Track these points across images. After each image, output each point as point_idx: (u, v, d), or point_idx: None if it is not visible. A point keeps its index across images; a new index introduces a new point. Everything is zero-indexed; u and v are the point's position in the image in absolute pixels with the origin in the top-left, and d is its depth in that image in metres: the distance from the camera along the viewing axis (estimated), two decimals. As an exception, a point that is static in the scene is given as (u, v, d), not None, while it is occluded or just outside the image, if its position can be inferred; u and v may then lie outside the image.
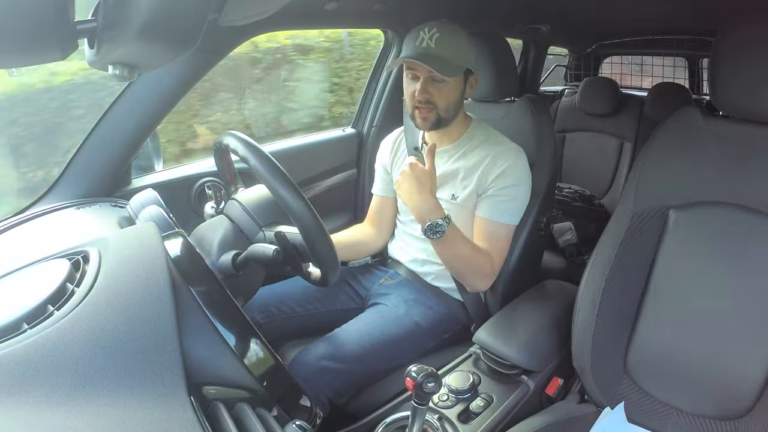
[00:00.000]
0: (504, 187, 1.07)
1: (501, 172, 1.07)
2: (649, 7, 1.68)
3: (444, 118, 1.08)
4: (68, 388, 0.44)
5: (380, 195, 1.30)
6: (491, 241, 1.09)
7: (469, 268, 1.07)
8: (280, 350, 1.13)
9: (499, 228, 1.09)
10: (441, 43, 1.02)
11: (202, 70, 1.07)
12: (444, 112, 1.07)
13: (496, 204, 1.08)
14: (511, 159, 1.08)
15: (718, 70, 0.84)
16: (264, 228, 0.89)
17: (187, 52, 0.48)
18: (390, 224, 1.30)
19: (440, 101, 1.06)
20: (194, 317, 0.55)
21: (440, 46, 1.02)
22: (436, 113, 1.07)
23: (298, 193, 0.77)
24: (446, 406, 0.88)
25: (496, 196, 1.08)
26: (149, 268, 0.55)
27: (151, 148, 1.17)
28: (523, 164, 1.10)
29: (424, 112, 1.07)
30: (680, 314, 0.87)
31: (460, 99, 1.10)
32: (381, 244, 1.30)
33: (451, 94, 1.06)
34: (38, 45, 0.38)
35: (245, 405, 0.54)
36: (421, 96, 1.05)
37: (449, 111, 1.08)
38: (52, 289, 0.53)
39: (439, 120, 1.08)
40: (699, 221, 0.87)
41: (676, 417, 0.88)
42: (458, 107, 1.10)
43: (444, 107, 1.07)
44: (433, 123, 1.08)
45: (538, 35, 2.19)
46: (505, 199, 1.08)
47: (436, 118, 1.07)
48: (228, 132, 0.87)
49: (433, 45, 1.02)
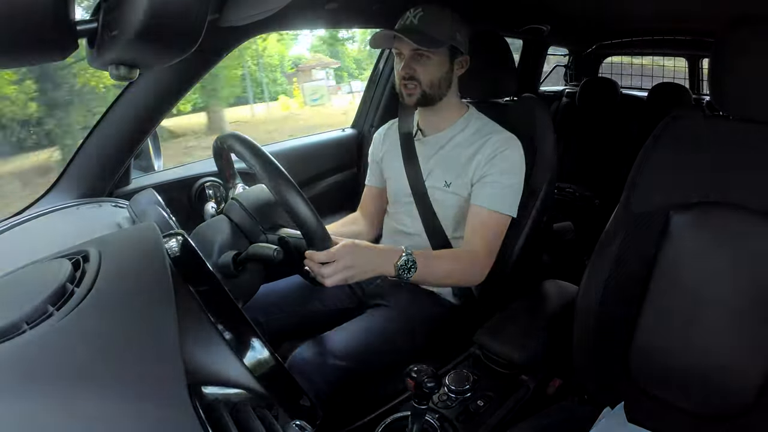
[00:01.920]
0: (498, 174, 1.07)
1: (496, 159, 1.07)
2: (649, 7, 1.68)
3: (429, 95, 1.09)
4: (68, 388, 0.44)
5: (373, 186, 1.31)
6: (485, 230, 1.07)
7: (457, 277, 1.06)
8: (280, 350, 1.13)
9: (493, 216, 1.07)
10: (424, 20, 1.04)
11: (202, 70, 1.07)
12: (428, 87, 1.08)
13: (490, 191, 1.07)
14: (507, 147, 1.08)
15: (718, 70, 0.84)
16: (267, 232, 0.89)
17: (188, 52, 0.48)
18: (380, 213, 1.31)
19: (424, 77, 1.07)
20: (194, 317, 0.55)
21: (423, 22, 1.04)
22: (420, 89, 1.08)
23: (298, 193, 0.77)
24: (446, 406, 0.88)
25: (490, 184, 1.08)
26: (149, 268, 0.55)
27: (151, 148, 1.17)
28: (519, 153, 1.10)
29: (409, 89, 1.08)
30: (680, 314, 0.87)
31: (447, 77, 1.10)
32: (374, 235, 1.31)
33: (434, 70, 1.07)
34: (38, 45, 0.38)
35: (245, 405, 0.54)
36: (405, 72, 1.07)
37: (433, 87, 1.08)
38: (52, 289, 0.53)
39: (424, 96, 1.09)
40: (699, 221, 0.87)
41: (676, 417, 0.88)
42: (444, 85, 1.10)
43: (428, 83, 1.07)
44: (418, 99, 1.09)
45: (538, 35, 2.19)
46: (501, 186, 1.07)
47: (420, 94, 1.08)
48: (228, 132, 0.87)
49: (416, 22, 1.04)
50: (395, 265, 0.90)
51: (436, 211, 1.14)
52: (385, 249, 0.92)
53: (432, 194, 1.14)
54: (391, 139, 1.25)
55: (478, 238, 1.06)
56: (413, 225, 1.18)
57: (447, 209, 1.14)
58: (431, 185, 1.14)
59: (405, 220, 1.20)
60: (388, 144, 1.25)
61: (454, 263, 1.03)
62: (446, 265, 1.02)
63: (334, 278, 0.84)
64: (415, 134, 1.19)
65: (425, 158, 1.16)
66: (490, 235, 1.08)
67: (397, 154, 1.20)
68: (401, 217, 1.21)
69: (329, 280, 0.84)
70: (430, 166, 1.15)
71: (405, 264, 0.91)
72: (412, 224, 1.18)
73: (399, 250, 0.93)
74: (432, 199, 1.14)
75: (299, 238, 0.83)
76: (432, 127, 1.16)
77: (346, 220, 1.33)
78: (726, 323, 0.84)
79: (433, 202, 1.14)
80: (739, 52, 0.80)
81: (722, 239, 0.85)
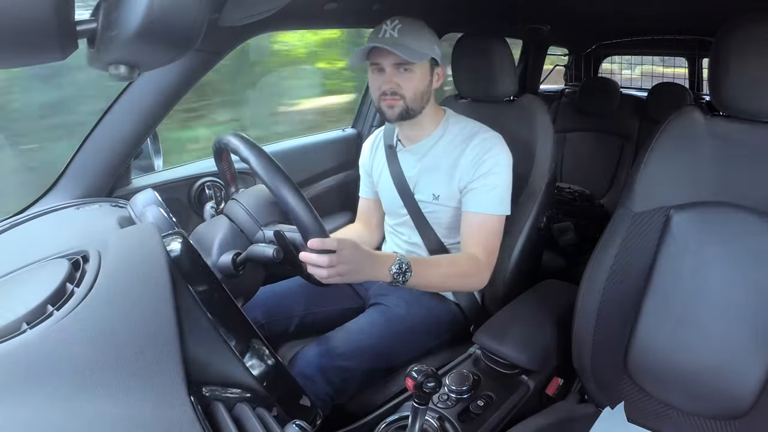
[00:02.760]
0: (485, 175, 1.05)
1: (480, 162, 1.06)
2: (649, 7, 1.68)
3: (411, 109, 1.06)
4: (68, 388, 0.44)
5: (367, 198, 1.30)
6: (480, 234, 1.06)
7: (456, 282, 1.05)
8: (280, 350, 1.13)
9: (486, 219, 1.06)
10: (403, 32, 1.01)
11: (202, 70, 1.07)
12: (411, 102, 1.05)
13: (480, 195, 1.06)
14: (489, 147, 1.07)
15: (718, 70, 0.84)
16: (263, 227, 0.89)
17: (187, 52, 0.48)
18: (380, 224, 1.30)
19: (407, 91, 1.04)
20: (194, 317, 0.55)
21: (403, 34, 1.01)
22: (403, 103, 1.05)
23: (298, 193, 0.77)
24: (446, 406, 0.88)
25: (478, 188, 1.06)
26: (149, 268, 0.55)
27: (151, 148, 1.17)
28: (502, 150, 1.08)
29: (390, 101, 1.05)
30: (680, 314, 0.87)
31: (428, 89, 1.08)
32: (374, 244, 1.30)
33: (418, 83, 1.05)
34: (38, 45, 0.38)
35: (245, 405, 0.54)
36: (388, 86, 1.04)
37: (416, 101, 1.06)
38: (52, 289, 0.53)
39: (406, 110, 1.06)
40: (699, 221, 0.87)
41: (676, 417, 0.88)
42: (426, 97, 1.08)
43: (411, 97, 1.05)
44: (400, 113, 1.06)
45: (538, 35, 2.20)
46: (488, 188, 1.06)
47: (403, 108, 1.05)
48: (228, 132, 0.87)
49: (396, 34, 1.01)
50: (389, 269, 0.90)
51: (430, 221, 1.14)
52: (381, 254, 0.92)
53: (423, 208, 1.14)
54: (378, 151, 1.24)
55: (474, 245, 1.06)
56: (413, 235, 1.18)
57: (440, 220, 1.13)
58: (420, 199, 1.13)
59: (404, 232, 1.20)
60: (375, 156, 1.24)
61: (451, 268, 1.02)
62: (443, 269, 1.00)
63: (330, 272, 0.80)
64: (395, 145, 1.17)
65: (409, 169, 1.15)
66: (487, 238, 1.06)
67: (385, 166, 1.19)
68: (401, 229, 1.21)
69: (326, 275, 0.81)
70: (415, 178, 1.14)
71: (399, 269, 0.90)
72: (412, 235, 1.18)
73: (393, 255, 0.92)
74: (424, 212, 1.14)
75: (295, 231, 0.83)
76: (410, 138, 1.14)
77: (346, 230, 1.32)
78: (726, 323, 0.84)
79: (426, 214, 1.14)
80: (738, 52, 0.80)
81: (722, 239, 0.85)
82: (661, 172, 0.90)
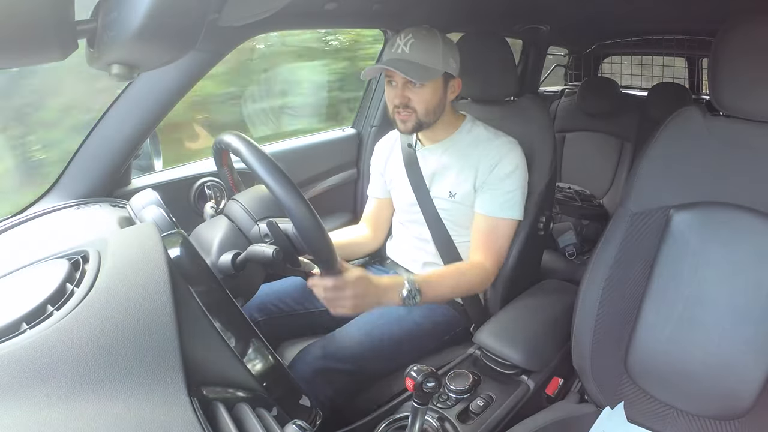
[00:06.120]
0: (501, 179, 1.07)
1: (497, 165, 1.07)
2: (650, 7, 1.68)
3: (424, 122, 1.08)
4: (68, 388, 0.44)
5: (376, 197, 1.30)
6: (490, 238, 1.08)
7: (465, 289, 1.08)
8: (280, 350, 1.13)
9: (498, 223, 1.08)
10: (415, 49, 1.02)
11: (202, 70, 1.07)
12: (423, 116, 1.07)
13: (494, 198, 1.08)
14: (509, 150, 1.09)
15: (718, 70, 0.84)
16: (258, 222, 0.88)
17: (187, 52, 0.48)
18: (386, 225, 1.30)
19: (418, 106, 1.06)
20: (194, 317, 0.55)
21: (414, 51, 1.02)
22: (415, 117, 1.07)
23: (297, 193, 0.77)
24: (446, 406, 0.88)
25: (493, 191, 1.08)
26: (149, 268, 0.55)
27: (151, 148, 1.17)
28: (519, 156, 1.10)
29: (403, 116, 1.07)
30: (680, 314, 0.87)
31: (441, 103, 1.09)
32: (376, 245, 1.30)
33: (429, 98, 1.06)
34: (38, 45, 0.38)
35: (245, 405, 0.54)
36: (399, 100, 1.06)
37: (428, 115, 1.08)
38: (52, 289, 0.53)
39: (419, 124, 1.08)
40: (699, 221, 0.87)
41: (676, 417, 0.88)
42: (439, 110, 1.10)
43: (423, 111, 1.07)
44: (413, 127, 1.08)
45: (538, 35, 2.19)
46: (504, 192, 1.08)
47: (415, 122, 1.07)
48: (227, 132, 0.86)
49: (407, 50, 1.03)
50: (399, 294, 0.93)
51: (443, 218, 1.15)
52: (390, 282, 0.94)
53: (438, 204, 1.15)
54: (393, 150, 1.25)
55: (484, 248, 1.08)
56: (425, 232, 1.18)
57: (453, 217, 1.14)
58: (435, 195, 1.14)
59: (416, 228, 1.20)
60: (390, 155, 1.25)
61: (458, 278, 1.05)
62: (451, 281, 1.04)
63: (340, 307, 0.87)
64: (414, 144, 1.18)
65: (427, 168, 1.16)
66: (497, 242, 1.09)
67: (400, 165, 1.20)
68: (411, 225, 1.21)
69: (336, 309, 0.87)
70: (432, 176, 1.15)
71: (410, 293, 0.94)
72: (422, 230, 1.18)
73: (401, 279, 0.94)
74: (438, 208, 1.15)
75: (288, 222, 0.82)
76: (430, 138, 1.16)
77: (348, 230, 1.31)
78: (726, 323, 0.84)
79: (439, 211, 1.14)
80: (738, 52, 0.80)
81: (722, 238, 0.85)
82: (661, 172, 0.90)
